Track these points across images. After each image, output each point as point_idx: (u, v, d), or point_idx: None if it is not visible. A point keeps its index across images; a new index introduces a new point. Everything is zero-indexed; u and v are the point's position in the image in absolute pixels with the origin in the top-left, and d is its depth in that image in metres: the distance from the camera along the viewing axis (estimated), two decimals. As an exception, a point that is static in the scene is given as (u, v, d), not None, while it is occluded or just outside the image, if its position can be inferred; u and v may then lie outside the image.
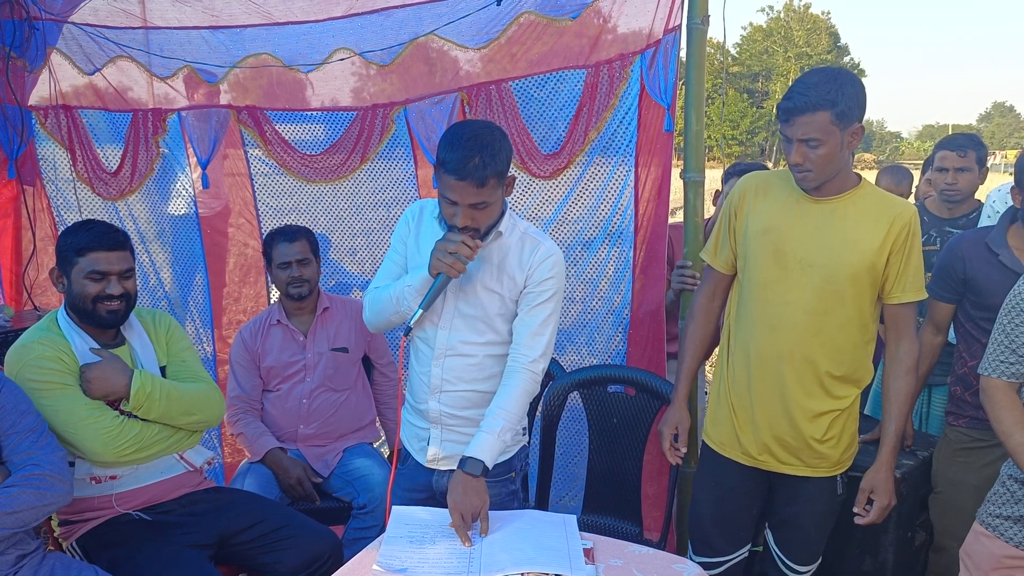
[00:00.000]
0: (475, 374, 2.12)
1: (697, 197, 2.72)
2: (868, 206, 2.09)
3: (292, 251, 3.03)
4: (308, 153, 3.60)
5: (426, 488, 2.20)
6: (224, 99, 3.62)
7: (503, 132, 1.99)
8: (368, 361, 3.26)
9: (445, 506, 1.97)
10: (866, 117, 2.10)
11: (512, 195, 3.26)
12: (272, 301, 3.71)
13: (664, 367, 2.96)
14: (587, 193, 3.15)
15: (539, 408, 2.89)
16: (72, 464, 2.21)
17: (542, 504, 2.86)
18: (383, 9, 3.30)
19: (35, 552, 2.05)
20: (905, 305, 2.13)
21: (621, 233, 3.09)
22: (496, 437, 2.01)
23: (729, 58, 56.23)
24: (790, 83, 2.10)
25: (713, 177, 3.65)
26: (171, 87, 3.64)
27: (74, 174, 3.74)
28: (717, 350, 2.49)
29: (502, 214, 2.07)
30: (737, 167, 3.21)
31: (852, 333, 2.13)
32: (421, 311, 1.99)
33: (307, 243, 3.08)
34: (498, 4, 3.06)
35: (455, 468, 2.02)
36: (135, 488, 2.31)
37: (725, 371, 2.32)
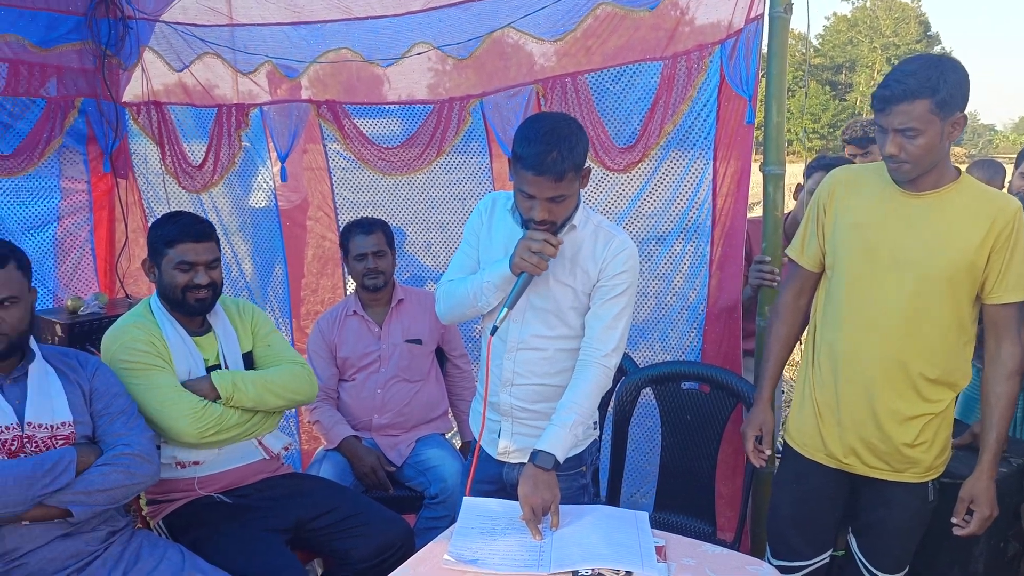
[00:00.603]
0: (547, 368, 2.11)
1: (777, 191, 2.65)
2: (968, 201, 1.99)
3: (368, 243, 3.08)
4: (385, 146, 3.65)
5: (496, 480, 2.21)
6: (304, 94, 3.70)
7: (579, 124, 1.97)
8: (441, 353, 3.29)
9: (515, 498, 1.97)
10: (965, 108, 2.00)
11: (586, 189, 3.26)
12: (348, 292, 3.78)
13: (740, 364, 2.90)
14: (662, 187, 3.10)
15: (611, 403, 2.87)
16: (158, 448, 2.29)
17: (613, 500, 2.84)
18: (461, 3, 3.32)
19: (124, 529, 2.14)
20: (1008, 305, 2.02)
21: (697, 228, 3.03)
22: (567, 431, 1.99)
23: (811, 49, 54.78)
24: (876, 75, 2.03)
25: (793, 172, 3.55)
26: (254, 82, 3.74)
27: (163, 167, 3.88)
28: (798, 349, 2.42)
29: (576, 207, 2.05)
30: (821, 161, 3.12)
31: (948, 334, 2.04)
32: (507, 310, 1.99)
33: (383, 235, 3.13)
34: (575, -5, 3.04)
35: (525, 461, 2.01)
36: (216, 472, 2.38)
37: (810, 371, 2.25)
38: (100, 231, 3.85)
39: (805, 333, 2.37)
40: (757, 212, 2.80)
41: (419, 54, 3.46)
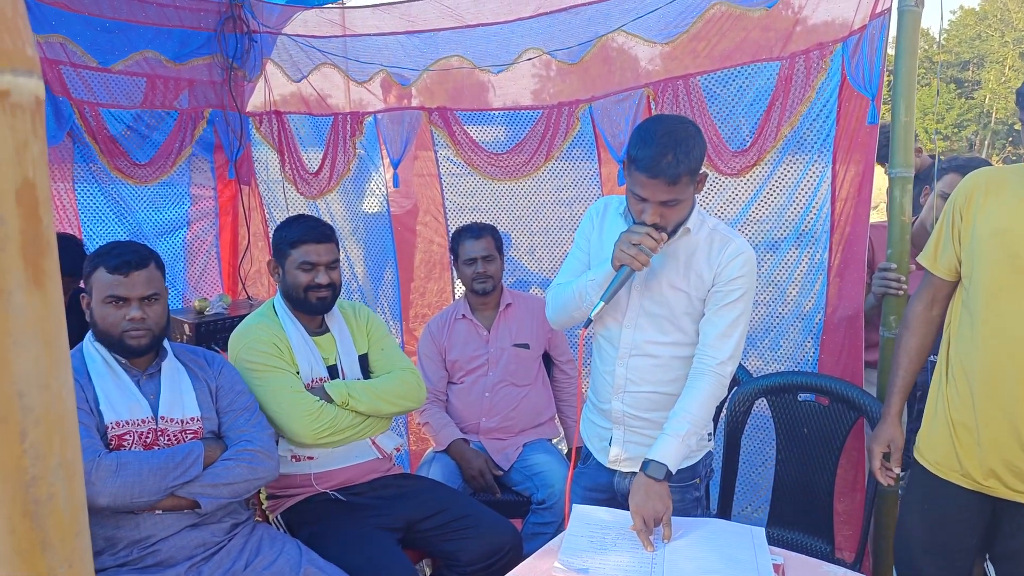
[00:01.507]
0: (660, 375, 2.07)
1: (904, 194, 2.52)
2: None
3: (478, 248, 3.11)
4: (495, 152, 3.68)
5: (607, 488, 2.18)
6: (415, 101, 3.78)
7: (697, 128, 1.93)
8: (549, 358, 3.29)
9: (625, 507, 1.94)
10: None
11: (702, 192, 3.20)
12: (456, 296, 3.84)
13: (862, 376, 2.77)
14: (777, 191, 3.00)
15: (723, 413, 2.79)
16: (276, 443, 2.38)
17: (724, 513, 2.76)
18: (572, 7, 3.32)
19: (246, 522, 2.23)
20: None
21: (814, 233, 2.92)
22: (680, 441, 1.95)
23: (936, 45, 52.08)
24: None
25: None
26: (368, 91, 3.84)
27: (282, 174, 4.04)
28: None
29: (691, 211, 2.01)
30: (954, 161, 2.94)
31: None
32: (602, 303, 1.96)
33: (492, 240, 3.16)
34: (687, -4, 2.99)
35: (637, 470, 1.98)
36: (331, 470, 2.46)
37: (944, 386, 2.12)
38: (225, 235, 4.05)
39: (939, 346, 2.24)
40: (877, 216, 2.67)
41: (529, 59, 3.47)
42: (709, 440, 2.16)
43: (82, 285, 2.16)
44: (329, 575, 2.11)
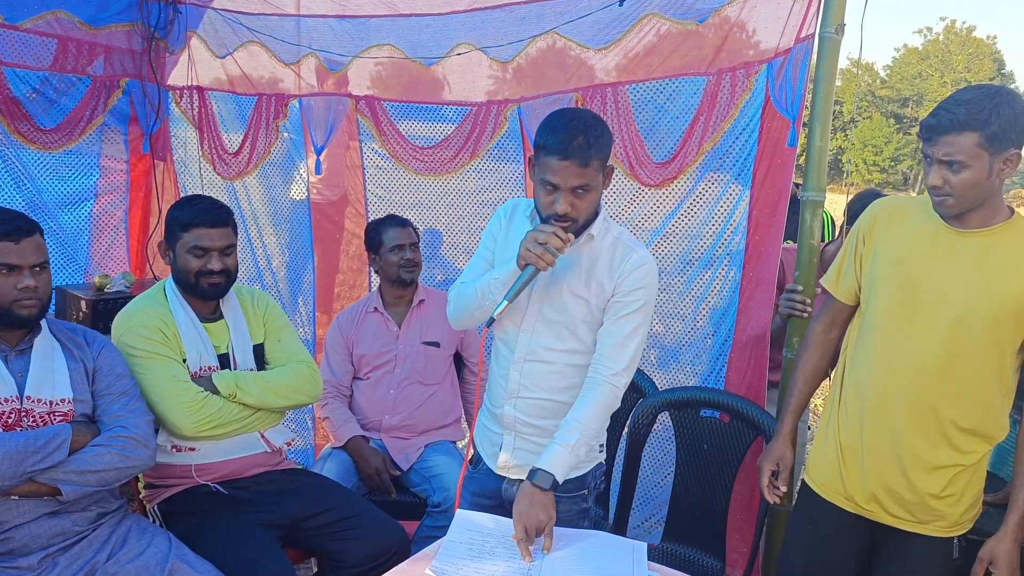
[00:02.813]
0: (554, 382, 2.03)
1: (815, 218, 2.54)
2: (1020, 242, 1.87)
3: (405, 235, 3.08)
4: (420, 146, 3.61)
5: (495, 495, 2.13)
6: (344, 88, 3.69)
7: (602, 120, 1.91)
8: (460, 359, 3.24)
9: (511, 515, 1.89)
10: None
11: (620, 204, 3.18)
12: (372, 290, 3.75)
13: (764, 396, 2.79)
14: (697, 206, 3.01)
15: (626, 425, 2.77)
16: (156, 431, 2.27)
17: (621, 526, 2.74)
18: (506, 4, 3.27)
19: (116, 512, 2.12)
20: None
21: (730, 251, 2.93)
22: (569, 451, 1.91)
23: (878, 80, 53.62)
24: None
25: (839, 201, 3.41)
26: (295, 73, 3.73)
27: (200, 153, 3.90)
28: (827, 383, 2.31)
29: (596, 214, 1.98)
30: (862, 197, 2.97)
31: (986, 383, 1.91)
32: (506, 303, 1.91)
33: (413, 231, 3.13)
34: (620, 4, 2.97)
35: (525, 478, 1.94)
36: (213, 461, 2.35)
37: (836, 408, 2.13)
38: (135, 212, 3.88)
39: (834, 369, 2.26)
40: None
41: (461, 54, 3.41)
42: (600, 452, 2.13)
43: None
44: (199, 571, 2.01)
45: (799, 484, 2.28)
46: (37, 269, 2.00)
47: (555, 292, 2.00)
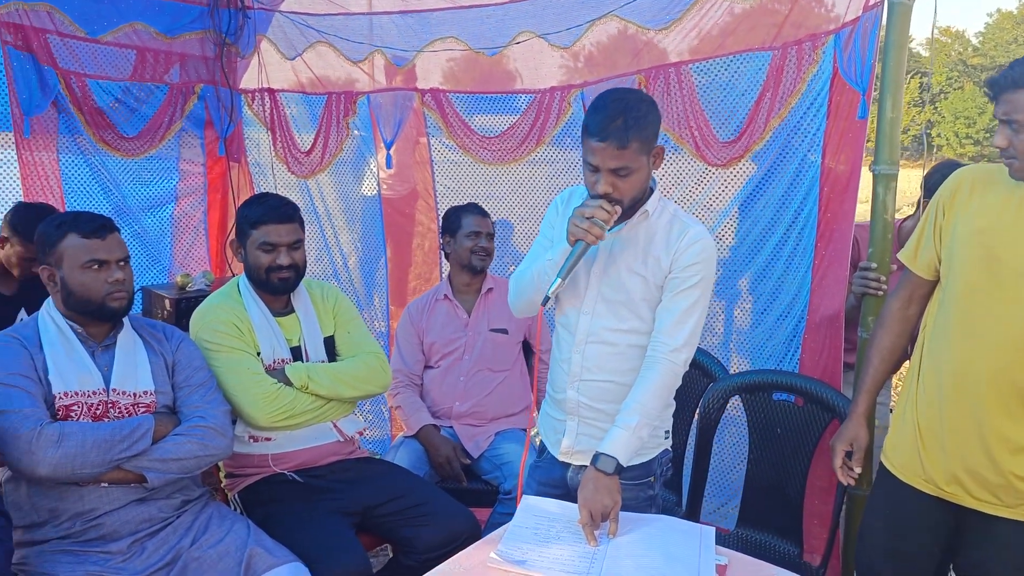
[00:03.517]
0: (617, 364, 2.01)
1: (888, 192, 2.44)
2: None
3: (483, 224, 3.12)
4: (487, 135, 3.63)
5: (560, 484, 2.13)
6: (410, 82, 3.74)
7: (652, 102, 1.89)
8: (528, 348, 3.25)
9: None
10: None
11: (688, 185, 3.14)
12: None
13: (840, 378, 2.70)
14: (766, 185, 2.93)
15: (697, 411, 2.73)
16: (234, 422, 2.35)
17: (694, 512, 2.70)
18: (565, -10, 3.26)
19: (198, 499, 2.21)
20: None
21: (802, 229, 2.85)
22: (631, 433, 1.90)
23: (969, 48, 51.01)
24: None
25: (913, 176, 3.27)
26: (362, 71, 3.80)
27: (273, 153, 4.01)
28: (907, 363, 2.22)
29: (650, 193, 1.95)
30: (940, 168, 2.84)
31: None
32: (559, 280, 1.90)
33: (491, 222, 3.18)
34: (680, -18, 2.92)
35: (588, 464, 1.93)
36: (289, 451, 2.42)
37: (915, 388, 2.05)
38: (213, 213, 4.03)
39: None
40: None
41: (522, 43, 3.42)
42: (666, 438, 2.10)
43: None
44: (276, 556, 2.08)
45: (877, 467, 2.21)
46: (122, 263, 2.11)
47: (613, 271, 1.99)
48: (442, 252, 3.30)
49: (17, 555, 1.97)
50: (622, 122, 1.80)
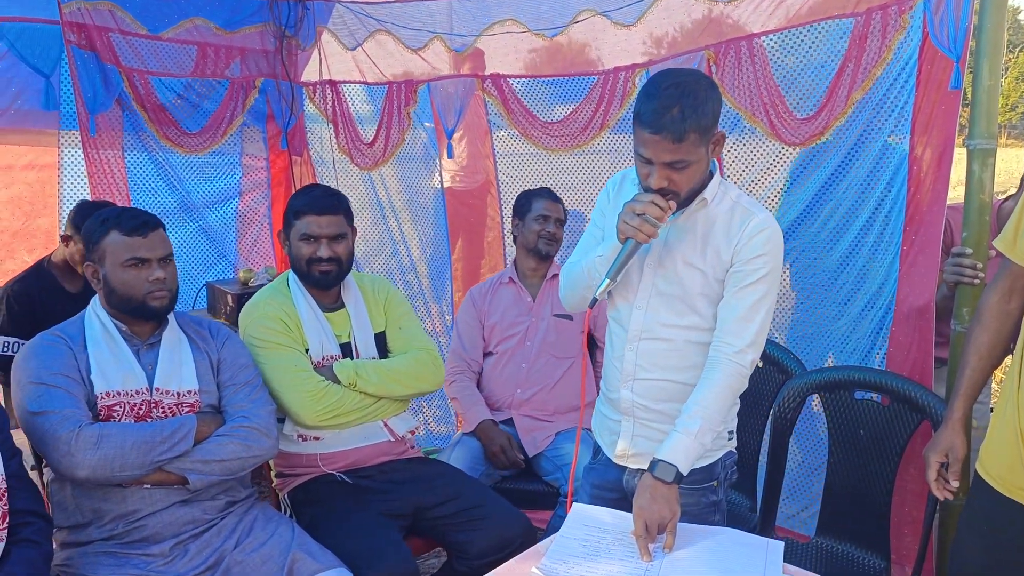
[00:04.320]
0: (673, 361, 1.85)
1: (985, 169, 2.18)
2: None
3: (553, 209, 3.03)
4: (548, 121, 3.49)
5: (616, 487, 1.99)
6: (470, 68, 3.63)
7: (712, 83, 1.71)
8: (593, 342, 3.10)
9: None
10: None
11: (761, 167, 2.92)
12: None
13: (931, 375, 2.46)
14: (849, 164, 2.70)
15: (771, 410, 2.54)
16: (282, 421, 2.30)
17: (767, 519, 2.51)
18: (624, -36, 3.08)
19: (244, 501, 2.15)
20: None
21: (888, 212, 2.61)
22: (692, 439, 1.74)
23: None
24: None
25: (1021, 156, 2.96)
26: (422, 59, 3.71)
27: (335, 145, 3.97)
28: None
29: (709, 178, 1.78)
30: None
31: None
32: (608, 281, 1.77)
33: (563, 210, 3.08)
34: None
35: (646, 468, 1.78)
36: (338, 450, 2.36)
37: (1015, 390, 1.81)
38: (277, 207, 4.02)
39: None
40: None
41: (583, 21, 3.26)
42: (730, 439, 1.93)
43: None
44: (320, 561, 2.01)
45: (972, 477, 1.98)
46: (164, 261, 2.06)
47: (669, 263, 1.83)
48: (509, 236, 3.19)
49: (61, 556, 1.97)
50: (678, 111, 1.63)
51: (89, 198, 3.26)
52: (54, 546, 1.99)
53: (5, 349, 2.88)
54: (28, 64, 3.10)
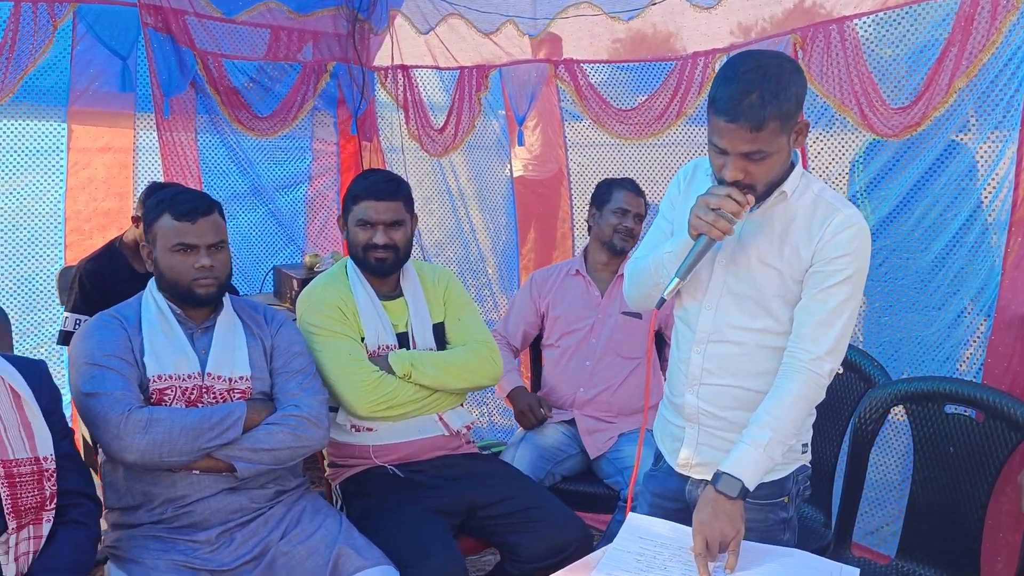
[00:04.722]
0: (744, 366, 1.72)
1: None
2: None
3: (634, 203, 2.88)
4: (623, 108, 3.36)
5: (678, 496, 1.86)
6: (543, 53, 3.53)
7: (796, 66, 1.56)
8: (661, 340, 2.96)
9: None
10: None
11: (849, 159, 2.73)
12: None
13: (1034, 390, 2.25)
14: (948, 159, 2.49)
15: (851, 421, 2.36)
16: (335, 410, 2.25)
17: (844, 535, 2.34)
18: (706, -58, 2.92)
19: (294, 491, 2.11)
20: None
21: (990, 213, 2.40)
22: (761, 452, 1.60)
23: None
24: None
25: None
26: (495, 43, 3.62)
27: (405, 131, 3.93)
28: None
29: (790, 169, 1.63)
30: None
31: None
32: (677, 280, 1.64)
33: (645, 204, 2.92)
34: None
35: (709, 479, 1.66)
36: (391, 443, 2.30)
37: None
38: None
39: None
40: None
41: (660, 3, 3.11)
42: (804, 452, 1.78)
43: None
44: (365, 557, 1.95)
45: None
46: (214, 249, 2.01)
47: (742, 261, 1.69)
48: (578, 228, 3.06)
49: (111, 537, 1.97)
50: (757, 97, 1.49)
51: (162, 180, 3.29)
52: (105, 527, 2.00)
53: (77, 326, 2.93)
54: (106, 46, 3.14)
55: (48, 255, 3.30)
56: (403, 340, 2.35)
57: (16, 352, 2.88)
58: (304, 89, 3.66)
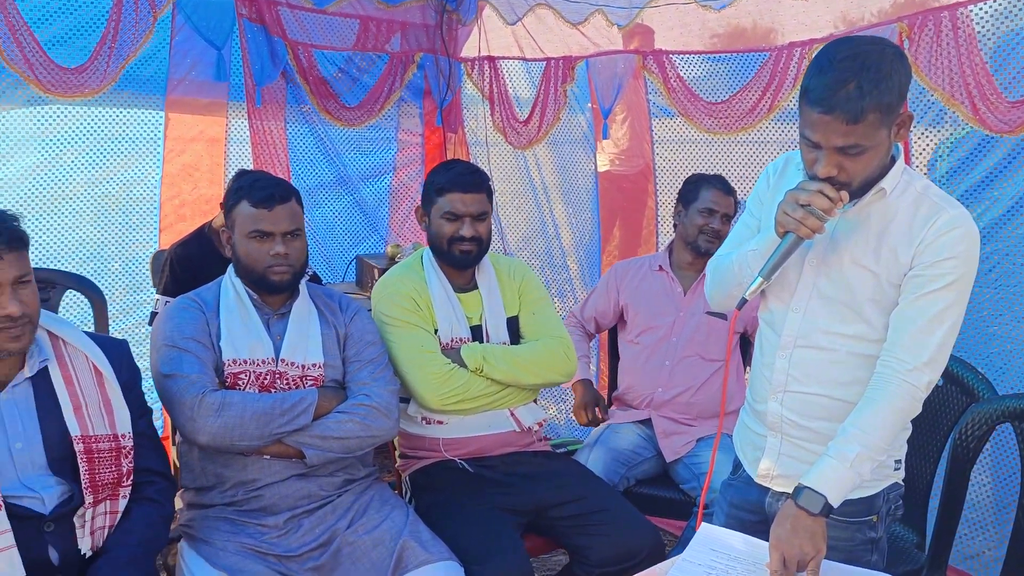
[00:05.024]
0: (833, 374, 1.60)
1: None
2: None
3: (722, 203, 2.74)
4: (712, 101, 3.24)
5: (758, 508, 1.76)
6: (631, 44, 3.44)
7: (899, 53, 1.44)
8: (747, 342, 2.84)
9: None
10: None
11: (955, 157, 2.55)
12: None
13: None
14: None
15: (951, 437, 2.20)
16: (407, 402, 2.24)
17: (939, 558, 2.18)
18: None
19: (362, 480, 2.11)
20: None
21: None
22: (848, 466, 1.49)
23: None
24: None
25: None
26: (582, 33, 3.56)
27: (491, 123, 3.90)
28: None
29: (891, 164, 1.51)
30: None
31: None
32: (760, 279, 1.55)
33: (734, 203, 2.79)
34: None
35: (790, 492, 1.56)
36: (461, 437, 2.26)
37: None
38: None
39: None
40: None
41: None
42: (896, 469, 1.66)
43: None
44: (430, 551, 1.93)
45: None
46: (289, 236, 2.01)
47: (834, 262, 1.57)
48: (662, 225, 2.97)
49: (186, 516, 2.00)
50: (855, 87, 1.38)
51: (251, 167, 3.35)
52: (181, 505, 2.04)
53: (167, 309, 3.02)
54: (202, 36, 3.22)
55: (145, 239, 3.42)
56: (477, 333, 2.32)
57: (112, 332, 2.99)
58: (391, 80, 3.68)
